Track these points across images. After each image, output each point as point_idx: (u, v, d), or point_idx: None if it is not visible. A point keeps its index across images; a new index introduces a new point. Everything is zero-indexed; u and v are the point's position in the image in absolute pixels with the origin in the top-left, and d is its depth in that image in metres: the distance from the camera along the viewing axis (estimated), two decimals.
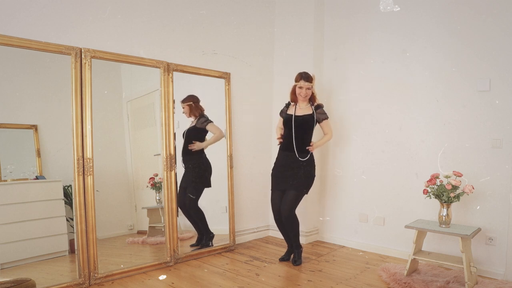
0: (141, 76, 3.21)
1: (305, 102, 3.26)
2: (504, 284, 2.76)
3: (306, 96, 3.21)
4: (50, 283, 2.53)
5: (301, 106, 3.26)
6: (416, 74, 3.37)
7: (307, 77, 3.19)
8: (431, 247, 3.20)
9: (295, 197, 3.16)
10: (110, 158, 3.10)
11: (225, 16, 3.75)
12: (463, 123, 3.11)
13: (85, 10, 2.82)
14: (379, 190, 3.61)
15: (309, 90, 3.20)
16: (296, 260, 3.22)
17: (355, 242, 3.78)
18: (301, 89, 3.19)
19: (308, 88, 3.19)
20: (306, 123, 3.19)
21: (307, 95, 3.21)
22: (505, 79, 2.92)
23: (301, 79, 3.19)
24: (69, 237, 2.79)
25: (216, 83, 3.67)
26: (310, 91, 3.21)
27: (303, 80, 3.18)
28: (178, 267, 3.13)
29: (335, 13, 3.93)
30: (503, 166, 2.92)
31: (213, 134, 3.50)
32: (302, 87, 3.18)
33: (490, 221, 2.97)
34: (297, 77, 3.22)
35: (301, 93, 3.19)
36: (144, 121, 3.40)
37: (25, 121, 2.70)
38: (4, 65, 2.53)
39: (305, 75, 3.20)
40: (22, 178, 2.65)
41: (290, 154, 3.19)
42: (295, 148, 3.17)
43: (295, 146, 3.17)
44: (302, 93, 3.19)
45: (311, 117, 3.20)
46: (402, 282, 2.75)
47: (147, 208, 3.33)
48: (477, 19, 3.03)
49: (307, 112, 3.22)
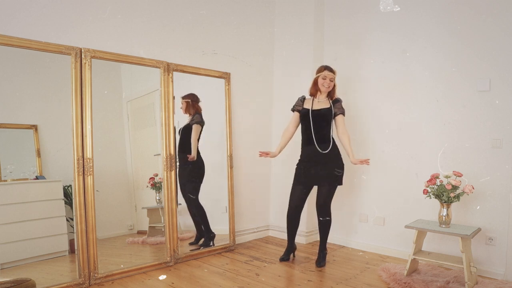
0: (141, 76, 3.21)
1: (324, 95, 3.22)
2: (504, 284, 2.76)
3: (329, 87, 3.17)
4: (50, 283, 2.53)
5: (320, 99, 3.22)
6: (416, 74, 3.37)
7: (330, 68, 3.19)
8: (431, 247, 3.20)
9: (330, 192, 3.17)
10: (110, 158, 3.10)
11: (225, 16, 3.75)
12: (463, 123, 3.11)
13: (85, 10, 2.82)
14: (379, 190, 3.61)
15: (332, 82, 3.18)
16: (320, 262, 3.21)
17: (355, 242, 3.78)
18: (324, 80, 3.15)
19: (331, 80, 3.17)
20: (325, 117, 3.16)
21: (330, 86, 3.17)
22: (505, 79, 2.92)
23: (325, 69, 3.17)
24: (69, 237, 2.79)
25: (216, 83, 3.67)
26: (332, 83, 3.19)
27: (327, 70, 3.17)
28: (178, 267, 3.13)
29: (335, 13, 3.93)
30: (503, 166, 2.92)
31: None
32: (326, 77, 3.14)
33: (490, 221, 2.97)
34: (320, 68, 3.21)
35: (325, 84, 3.15)
36: (144, 121, 3.40)
37: (25, 121, 2.70)
38: (4, 65, 2.53)
39: (329, 66, 3.20)
40: (22, 178, 2.65)
41: (312, 148, 3.15)
42: (315, 141, 3.13)
43: (315, 140, 3.13)
44: (325, 84, 3.15)
45: (329, 111, 3.17)
46: (402, 282, 2.75)
47: (147, 208, 3.33)
48: (477, 19, 3.03)
49: (325, 106, 3.19)
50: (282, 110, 4.05)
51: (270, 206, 4.28)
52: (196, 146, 3.44)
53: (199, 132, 3.46)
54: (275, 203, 4.22)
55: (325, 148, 3.13)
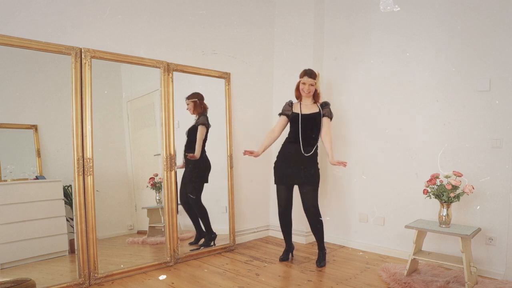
0: (141, 76, 3.21)
1: (309, 98, 3.26)
2: (504, 284, 2.76)
3: (309, 92, 3.21)
4: (50, 283, 2.53)
5: (306, 103, 3.26)
6: (416, 74, 3.37)
7: (310, 73, 3.20)
8: (431, 247, 3.20)
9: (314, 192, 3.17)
10: (110, 158, 3.10)
11: (225, 16, 3.75)
12: (463, 123, 3.11)
13: (85, 10, 2.82)
14: (379, 190, 3.61)
15: (312, 86, 3.20)
16: (321, 262, 3.22)
17: (355, 242, 3.78)
18: (304, 85, 3.19)
19: (311, 85, 3.20)
20: (314, 121, 3.20)
21: (310, 91, 3.21)
22: (505, 79, 2.92)
23: (305, 75, 3.20)
24: (69, 237, 2.79)
25: (216, 83, 3.67)
26: (313, 87, 3.21)
27: (307, 76, 3.19)
28: (178, 267, 3.13)
29: (335, 13, 3.93)
30: (503, 166, 2.92)
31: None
32: (305, 83, 3.19)
33: (490, 221, 2.97)
34: (301, 73, 3.24)
35: (304, 89, 3.19)
36: (144, 121, 3.40)
37: (25, 121, 2.70)
38: (4, 65, 2.53)
39: (309, 71, 3.21)
40: (22, 178, 2.65)
41: (295, 147, 3.17)
42: (301, 143, 3.15)
43: (302, 142, 3.15)
44: (305, 89, 3.19)
45: (319, 115, 3.21)
46: (402, 282, 2.75)
47: (147, 208, 3.33)
48: (477, 19, 3.03)
49: (313, 111, 3.23)
50: None
51: (270, 206, 4.27)
52: (200, 147, 3.44)
53: (204, 134, 3.46)
54: (275, 203, 4.17)
55: (309, 151, 3.16)
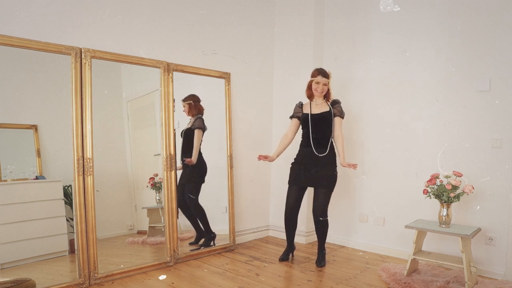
0: (141, 76, 3.21)
1: (320, 98, 3.25)
2: (504, 284, 2.76)
3: (322, 92, 3.19)
4: (50, 283, 2.53)
5: (317, 103, 3.24)
6: (416, 74, 3.37)
7: (324, 72, 3.19)
8: (431, 247, 3.20)
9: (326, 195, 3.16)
10: (110, 158, 3.10)
11: (225, 16, 3.75)
12: (463, 123, 3.11)
13: (85, 10, 2.82)
14: (379, 190, 3.61)
15: (325, 86, 3.19)
16: (321, 262, 3.21)
17: (355, 242, 3.78)
18: (318, 85, 3.17)
19: (325, 84, 3.18)
20: (325, 120, 3.18)
21: (323, 91, 3.19)
22: (505, 79, 2.92)
23: (318, 75, 3.18)
24: (69, 237, 2.79)
25: (216, 83, 3.67)
26: (326, 87, 3.20)
27: (321, 75, 3.17)
28: (178, 267, 3.13)
29: (335, 13, 3.93)
30: (503, 166, 2.92)
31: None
32: (319, 82, 3.17)
33: (490, 221, 2.97)
34: (314, 72, 3.22)
35: (318, 89, 3.17)
36: (144, 121, 3.40)
37: (25, 121, 2.70)
38: (4, 65, 2.53)
39: (323, 70, 3.20)
40: (22, 178, 2.65)
41: (308, 150, 3.17)
42: (313, 144, 3.15)
43: (313, 143, 3.15)
44: (318, 89, 3.17)
45: (329, 114, 3.19)
46: (402, 282, 2.75)
47: (147, 208, 3.33)
48: (477, 19, 3.03)
49: (324, 110, 3.21)
50: (282, 110, 4.04)
51: (270, 206, 4.28)
52: (197, 152, 3.44)
53: (201, 138, 3.46)
54: (275, 203, 4.22)
55: (323, 152, 3.15)
